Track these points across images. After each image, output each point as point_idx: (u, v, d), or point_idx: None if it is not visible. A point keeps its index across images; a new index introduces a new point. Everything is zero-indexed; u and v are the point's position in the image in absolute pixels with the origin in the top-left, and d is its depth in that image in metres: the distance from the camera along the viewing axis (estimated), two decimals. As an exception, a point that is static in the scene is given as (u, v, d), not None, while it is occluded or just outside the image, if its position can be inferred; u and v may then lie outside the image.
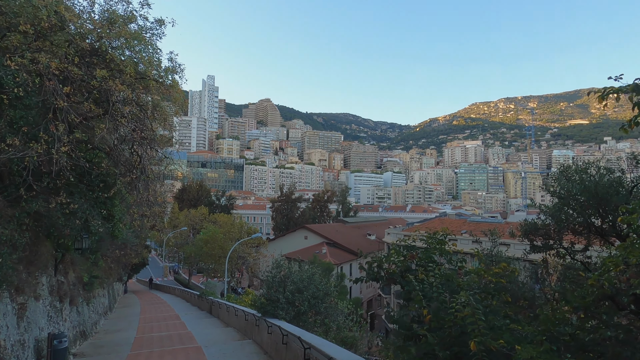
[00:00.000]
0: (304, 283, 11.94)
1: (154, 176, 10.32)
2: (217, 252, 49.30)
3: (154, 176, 10.32)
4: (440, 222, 49.08)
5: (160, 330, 17.57)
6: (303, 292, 11.69)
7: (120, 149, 9.37)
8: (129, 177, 8.88)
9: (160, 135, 9.55)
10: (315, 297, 11.96)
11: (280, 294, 11.50)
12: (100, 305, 21.64)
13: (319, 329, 11.42)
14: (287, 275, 12.04)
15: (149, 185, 9.23)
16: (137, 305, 31.87)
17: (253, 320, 12.88)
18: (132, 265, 37.83)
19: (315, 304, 11.89)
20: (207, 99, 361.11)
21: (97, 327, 18.09)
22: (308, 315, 11.51)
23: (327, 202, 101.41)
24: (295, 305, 11.40)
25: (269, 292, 11.94)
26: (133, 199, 10.03)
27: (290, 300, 11.45)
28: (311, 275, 12.39)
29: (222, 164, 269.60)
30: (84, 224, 11.23)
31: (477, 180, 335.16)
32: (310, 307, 11.71)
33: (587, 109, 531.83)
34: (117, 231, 12.37)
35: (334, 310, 12.48)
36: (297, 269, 12.52)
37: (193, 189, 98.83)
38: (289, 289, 11.63)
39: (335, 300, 13.35)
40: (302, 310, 11.41)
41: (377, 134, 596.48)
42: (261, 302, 12.15)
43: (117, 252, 20.41)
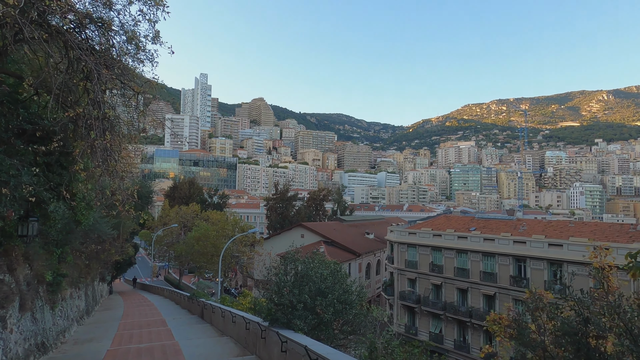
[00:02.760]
0: (327, 283, 9.10)
1: (120, 127, 7.40)
2: (209, 251, 46.27)
3: (120, 127, 7.40)
4: (446, 219, 46.49)
5: (140, 339, 14.62)
6: (327, 295, 8.84)
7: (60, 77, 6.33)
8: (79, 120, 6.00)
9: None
10: (342, 301, 9.13)
11: (295, 297, 8.64)
12: (73, 308, 18.58)
13: (360, 348, 8.64)
14: (304, 272, 9.16)
15: (114, 145, 6.36)
16: (120, 307, 28.77)
17: (257, 330, 10.03)
18: (116, 263, 34.65)
19: (343, 311, 9.05)
20: (199, 97, 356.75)
21: (65, 336, 15.06)
22: (333, 326, 8.72)
23: (322, 201, 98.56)
24: (316, 312, 8.58)
25: (278, 294, 9.07)
26: (99, 171, 7.17)
27: (310, 305, 8.60)
28: (336, 273, 9.58)
29: (215, 163, 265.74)
30: (31, 202, 8.30)
31: (470, 181, 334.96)
32: (336, 314, 8.87)
33: (578, 111, 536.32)
34: (80, 215, 9.45)
35: (365, 319, 9.64)
36: (317, 263, 9.65)
37: (184, 187, 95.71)
38: (307, 291, 8.76)
39: (367, 306, 10.52)
40: (325, 319, 8.56)
41: (370, 135, 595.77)
42: (268, 308, 9.29)
43: (92, 246, 17.38)
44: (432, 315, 39.93)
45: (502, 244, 35.46)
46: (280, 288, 9.02)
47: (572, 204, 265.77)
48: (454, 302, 38.60)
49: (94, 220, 14.65)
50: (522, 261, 34.23)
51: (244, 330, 11.71)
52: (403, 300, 42.25)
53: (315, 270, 9.25)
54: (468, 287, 37.59)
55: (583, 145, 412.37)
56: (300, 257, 9.87)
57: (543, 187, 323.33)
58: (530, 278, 33.24)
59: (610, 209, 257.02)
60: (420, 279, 41.53)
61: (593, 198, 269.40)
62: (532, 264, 33.24)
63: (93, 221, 14.66)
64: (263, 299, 25.27)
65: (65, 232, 14.77)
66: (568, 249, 31.26)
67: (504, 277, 35.10)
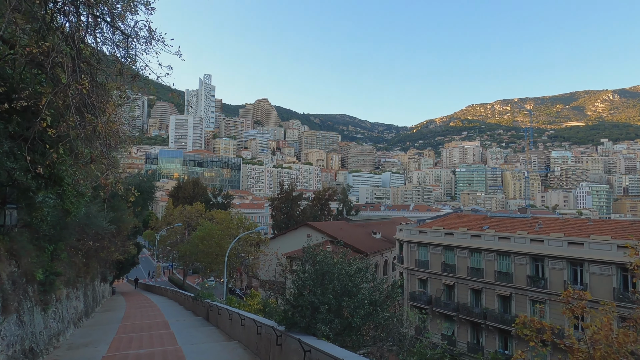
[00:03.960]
0: (354, 280, 7.85)
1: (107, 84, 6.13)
2: (214, 250, 45.10)
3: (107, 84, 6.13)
4: (457, 217, 45.09)
5: (140, 344, 13.40)
6: (356, 295, 7.59)
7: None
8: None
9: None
10: (373, 302, 7.87)
11: (318, 298, 7.38)
12: (70, 310, 17.41)
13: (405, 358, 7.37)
14: (326, 269, 7.89)
15: (93, 96, 5.10)
16: (121, 308, 27.61)
17: (271, 335, 8.78)
18: (118, 263, 33.50)
19: (373, 313, 7.79)
20: (203, 98, 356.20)
21: (59, 340, 13.86)
22: (363, 331, 7.47)
23: (328, 200, 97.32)
24: (343, 314, 7.34)
25: (297, 294, 7.80)
26: (75, 133, 5.91)
27: (335, 307, 7.35)
28: (364, 269, 8.33)
29: (219, 163, 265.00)
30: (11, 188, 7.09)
31: (475, 181, 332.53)
32: (365, 318, 7.62)
33: (583, 111, 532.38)
34: (68, 203, 8.24)
35: (399, 322, 8.35)
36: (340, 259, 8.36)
37: (188, 187, 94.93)
38: (332, 290, 7.50)
39: (402, 308, 9.24)
40: (354, 323, 7.30)
41: (374, 135, 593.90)
42: (284, 310, 8.04)
43: (90, 243, 16.18)
44: (445, 316, 38.55)
45: (518, 242, 34.06)
46: (299, 288, 7.75)
47: (578, 204, 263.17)
48: (467, 303, 37.22)
49: (88, 212, 13.42)
50: (539, 260, 32.82)
51: (255, 334, 10.46)
52: (413, 301, 40.87)
53: (339, 267, 7.99)
54: (482, 288, 36.20)
55: (588, 145, 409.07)
56: (320, 253, 8.63)
57: (549, 187, 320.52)
58: (549, 278, 31.84)
59: (617, 209, 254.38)
60: (432, 279, 40.17)
61: (600, 198, 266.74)
62: (551, 263, 31.81)
63: (86, 213, 13.43)
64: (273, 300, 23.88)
65: (60, 227, 13.60)
66: (589, 247, 29.83)
67: (520, 277, 33.70)
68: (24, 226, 11.15)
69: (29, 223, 11.52)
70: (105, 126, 5.59)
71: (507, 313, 34.55)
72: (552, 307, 31.14)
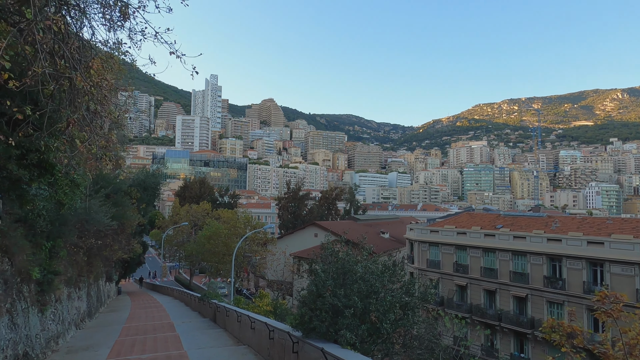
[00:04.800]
0: (382, 280, 6.95)
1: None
2: (220, 250, 44.39)
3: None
4: (469, 216, 43.96)
5: (143, 348, 12.58)
6: (386, 298, 6.68)
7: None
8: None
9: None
10: (403, 305, 6.97)
11: (341, 300, 6.49)
12: (72, 311, 16.65)
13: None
14: (349, 267, 6.99)
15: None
16: (126, 309, 26.88)
17: (286, 341, 7.91)
18: (124, 262, 32.82)
19: (404, 318, 6.88)
20: (210, 98, 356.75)
21: (58, 343, 13.08)
22: (393, 339, 6.55)
23: (335, 200, 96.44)
24: (370, 319, 6.45)
25: (316, 295, 6.91)
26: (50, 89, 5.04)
27: (360, 310, 6.47)
28: (393, 267, 7.43)
29: (225, 163, 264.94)
30: None
31: (483, 181, 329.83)
32: (396, 323, 6.70)
33: (592, 110, 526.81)
34: (62, 194, 7.42)
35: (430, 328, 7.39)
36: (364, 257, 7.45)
37: (195, 186, 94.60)
38: (356, 291, 6.60)
39: (435, 311, 8.28)
40: (383, 329, 6.39)
41: (380, 135, 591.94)
42: (301, 314, 7.16)
43: (92, 241, 15.40)
44: (457, 318, 37.43)
45: (534, 242, 32.92)
46: (319, 288, 6.86)
47: (588, 204, 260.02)
48: (480, 304, 36.14)
49: (88, 207, 12.62)
50: (557, 260, 31.67)
51: (267, 339, 9.58)
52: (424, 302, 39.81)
53: (364, 265, 7.10)
54: (496, 289, 35.11)
55: (597, 144, 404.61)
56: (341, 249, 7.73)
57: (557, 187, 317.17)
58: (567, 279, 30.68)
59: (628, 209, 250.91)
60: (444, 279, 39.12)
61: (610, 198, 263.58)
62: (569, 263, 30.66)
63: (86, 207, 12.62)
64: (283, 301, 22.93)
65: (59, 224, 12.83)
66: (610, 247, 28.66)
67: (536, 278, 32.57)
68: (17, 221, 10.36)
69: (24, 218, 10.72)
70: (87, 82, 4.72)
71: (523, 315, 33.44)
72: (570, 308, 29.96)
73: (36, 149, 6.24)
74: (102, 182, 15.17)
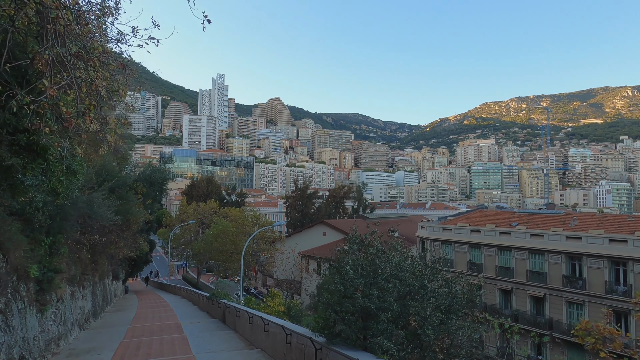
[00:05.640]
0: (422, 279, 6.04)
1: None
2: (228, 248, 43.67)
3: None
4: (482, 214, 42.88)
5: (149, 352, 11.80)
6: (430, 299, 5.79)
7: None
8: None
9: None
10: (447, 308, 6.06)
11: (374, 302, 5.61)
12: (75, 310, 15.93)
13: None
14: (381, 264, 6.08)
15: None
16: (133, 308, 26.21)
17: (306, 347, 7.05)
18: (131, 260, 32.17)
19: (447, 323, 5.98)
20: (217, 98, 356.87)
21: (59, 345, 12.34)
22: (434, 345, 5.64)
23: (343, 198, 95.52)
24: (409, 324, 5.56)
25: (343, 294, 6.03)
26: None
27: (397, 313, 5.58)
28: (434, 264, 6.54)
29: (232, 162, 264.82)
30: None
31: (491, 180, 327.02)
32: (439, 328, 5.80)
33: (601, 108, 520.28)
34: (56, 182, 6.61)
35: (473, 332, 6.50)
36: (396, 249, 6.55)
37: (202, 184, 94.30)
38: (392, 291, 5.71)
39: (482, 314, 7.36)
40: (424, 336, 5.48)
41: (386, 134, 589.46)
42: (325, 317, 6.30)
43: (95, 237, 14.66)
44: (500, 324, 36.31)
45: (552, 240, 31.78)
46: (347, 288, 5.97)
47: (598, 202, 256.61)
48: (495, 304, 35.08)
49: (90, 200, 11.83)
50: (576, 259, 30.53)
51: (283, 344, 8.73)
52: (437, 302, 38.84)
53: (397, 262, 6.19)
54: (512, 288, 34.03)
55: (607, 142, 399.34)
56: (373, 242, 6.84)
57: (567, 186, 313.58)
58: (588, 278, 29.54)
59: (639, 208, 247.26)
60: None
61: (620, 196, 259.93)
62: (590, 262, 29.51)
63: (87, 200, 11.82)
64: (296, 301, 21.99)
65: (59, 218, 12.06)
66: (634, 245, 27.49)
67: (555, 277, 31.45)
68: (12, 214, 9.58)
69: (20, 211, 9.94)
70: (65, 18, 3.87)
71: (540, 315, 32.35)
72: (592, 309, 28.89)
73: (24, 128, 5.44)
74: (105, 175, 14.42)
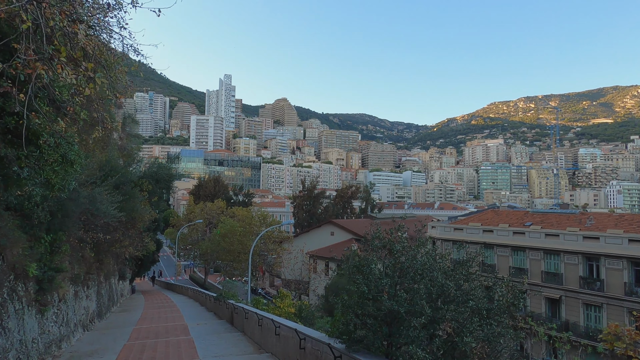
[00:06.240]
0: (455, 279, 5.38)
1: None
2: (236, 248, 43.21)
3: None
4: (494, 213, 42.02)
5: (153, 355, 11.24)
6: (468, 302, 5.13)
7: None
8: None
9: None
10: (488, 312, 5.37)
11: (403, 305, 4.95)
12: (79, 311, 15.43)
13: None
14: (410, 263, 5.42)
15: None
16: (139, 308, 25.76)
17: (323, 354, 6.43)
18: (138, 260, 31.74)
19: (487, 329, 5.29)
20: (224, 98, 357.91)
21: (60, 348, 11.82)
22: (474, 356, 4.97)
23: (350, 198, 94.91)
24: (444, 330, 4.91)
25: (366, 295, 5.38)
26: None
27: (428, 318, 4.92)
28: (467, 262, 5.90)
29: (239, 163, 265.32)
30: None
31: (499, 180, 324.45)
32: (478, 335, 5.13)
33: (611, 108, 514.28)
34: (50, 171, 6.04)
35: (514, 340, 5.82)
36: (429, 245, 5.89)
37: (209, 184, 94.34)
38: (424, 293, 5.05)
39: (521, 320, 6.64)
40: (462, 344, 4.81)
41: (393, 135, 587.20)
42: (345, 322, 5.67)
43: (99, 235, 14.14)
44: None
45: (568, 240, 30.87)
46: (372, 288, 5.31)
47: (609, 202, 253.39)
48: (509, 306, 34.17)
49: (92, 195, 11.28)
50: (594, 260, 29.61)
51: (296, 349, 8.10)
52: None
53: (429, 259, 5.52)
54: (527, 290, 33.08)
55: (618, 142, 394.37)
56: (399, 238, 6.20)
57: (576, 186, 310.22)
58: (606, 279, 28.61)
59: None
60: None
61: (632, 197, 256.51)
62: (608, 262, 28.57)
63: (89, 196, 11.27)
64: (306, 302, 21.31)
65: (61, 215, 11.53)
66: (655, 245, 26.55)
67: (571, 278, 30.54)
68: (8, 209, 9.03)
69: (18, 206, 9.38)
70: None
71: (556, 318, 31.43)
72: (610, 311, 27.98)
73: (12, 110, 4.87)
74: (109, 170, 13.89)
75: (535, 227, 34.12)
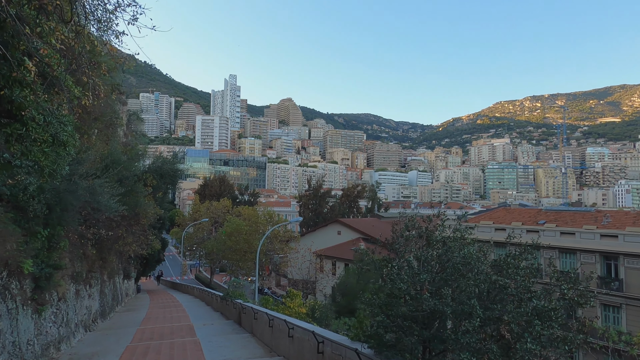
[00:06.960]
0: (512, 275, 4.61)
1: None
2: (242, 247, 42.55)
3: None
4: (506, 212, 41.05)
5: (157, 358, 10.55)
6: (529, 301, 4.37)
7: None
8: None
9: None
10: (544, 312, 4.64)
11: (448, 303, 4.20)
12: (81, 310, 14.77)
13: None
14: (451, 256, 4.67)
15: None
16: (144, 308, 25.12)
17: (347, 359, 5.67)
18: (143, 259, 31.17)
19: (549, 332, 4.55)
20: (229, 98, 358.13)
21: (59, 349, 11.15)
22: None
23: (357, 198, 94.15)
24: (500, 334, 4.15)
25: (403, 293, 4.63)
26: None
27: (476, 320, 4.17)
28: (522, 255, 5.15)
29: (245, 163, 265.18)
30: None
31: (506, 179, 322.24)
32: (539, 339, 4.37)
33: (619, 106, 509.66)
34: (39, 154, 5.34)
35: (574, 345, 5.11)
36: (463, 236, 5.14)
37: (215, 184, 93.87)
38: (471, 290, 4.30)
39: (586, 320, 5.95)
40: (520, 350, 4.04)
41: (398, 134, 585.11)
42: (376, 324, 4.93)
43: (101, 231, 13.48)
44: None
45: (585, 238, 29.90)
46: (409, 286, 4.54)
47: (618, 202, 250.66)
48: (522, 306, 33.26)
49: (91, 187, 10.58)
50: (612, 259, 28.63)
51: (313, 353, 7.35)
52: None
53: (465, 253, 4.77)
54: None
55: (626, 141, 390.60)
56: (436, 227, 5.43)
57: (584, 185, 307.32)
58: (625, 279, 27.63)
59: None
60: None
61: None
62: (627, 262, 27.59)
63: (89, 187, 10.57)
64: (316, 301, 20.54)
65: (60, 209, 10.84)
66: (677, 243, 25.57)
67: (588, 278, 29.53)
68: (1, 200, 8.34)
69: (12, 198, 8.68)
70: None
71: (572, 319, 30.44)
72: (630, 312, 27.00)
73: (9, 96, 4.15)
74: (111, 162, 13.21)
75: (549, 225, 33.16)
